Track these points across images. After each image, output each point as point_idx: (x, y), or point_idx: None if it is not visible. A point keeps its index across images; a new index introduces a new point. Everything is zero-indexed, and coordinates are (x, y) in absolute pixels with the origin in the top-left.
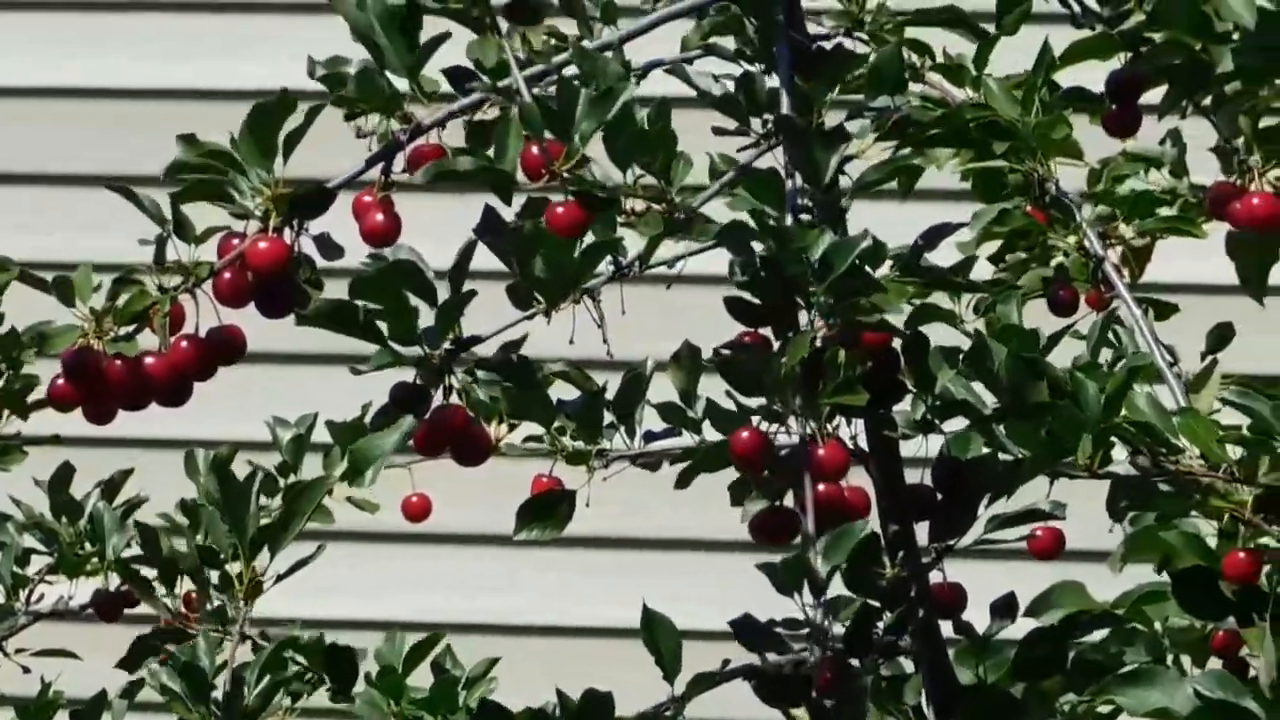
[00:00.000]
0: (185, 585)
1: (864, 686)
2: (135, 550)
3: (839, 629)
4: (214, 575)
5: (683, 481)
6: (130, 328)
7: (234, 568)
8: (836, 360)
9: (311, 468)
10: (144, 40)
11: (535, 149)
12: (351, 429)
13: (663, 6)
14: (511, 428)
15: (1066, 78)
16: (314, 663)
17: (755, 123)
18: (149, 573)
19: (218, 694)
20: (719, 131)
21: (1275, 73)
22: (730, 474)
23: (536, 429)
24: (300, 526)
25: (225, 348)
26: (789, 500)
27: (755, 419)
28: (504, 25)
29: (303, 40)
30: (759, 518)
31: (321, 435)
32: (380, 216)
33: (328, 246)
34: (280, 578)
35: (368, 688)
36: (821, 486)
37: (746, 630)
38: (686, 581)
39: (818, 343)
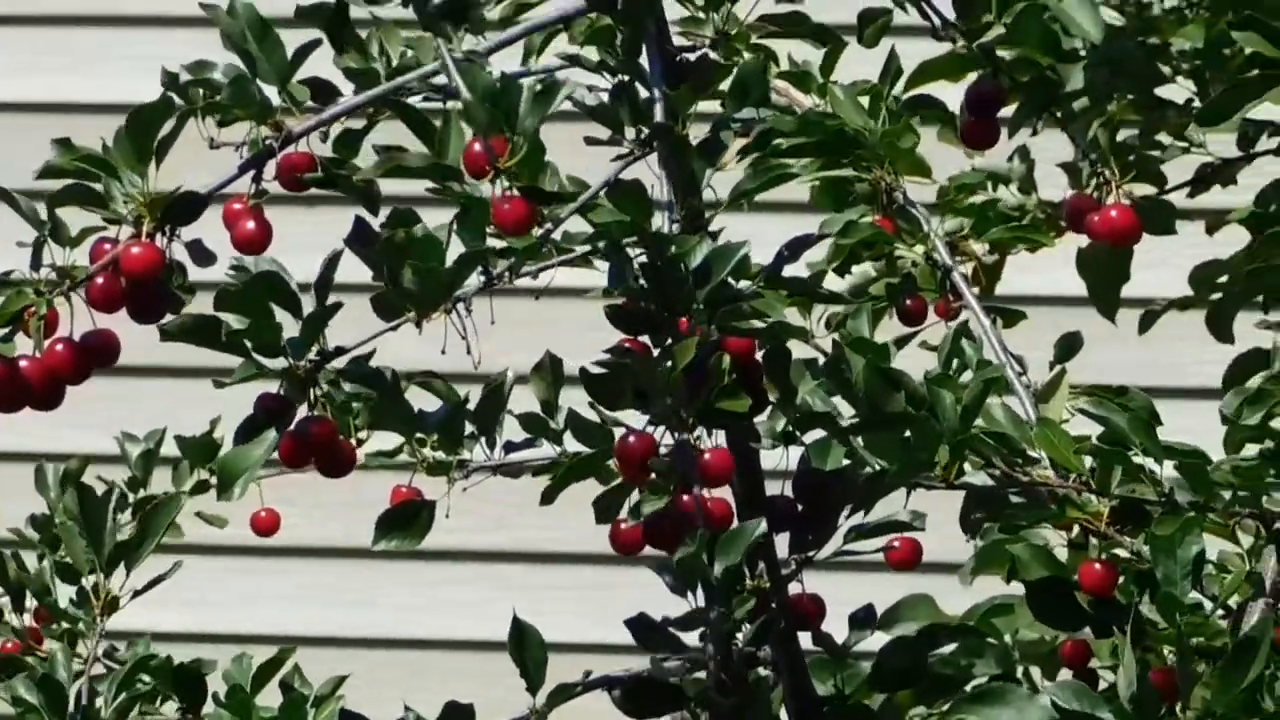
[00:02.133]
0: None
1: (767, 687)
2: None
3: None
4: (71, 591)
5: (548, 498)
6: (5, 330)
7: (89, 582)
8: (721, 367)
9: (161, 482)
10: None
11: (478, 145)
12: (201, 444)
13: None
14: (360, 443)
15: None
16: (163, 682)
17: (629, 133)
18: None
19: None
20: (591, 141)
21: (1120, 86)
22: (592, 487)
23: (389, 441)
24: (155, 542)
25: (100, 352)
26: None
27: (647, 425)
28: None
29: (161, 55)
30: (650, 520)
31: (170, 449)
32: (251, 224)
33: (200, 253)
34: (137, 593)
35: (216, 708)
36: (684, 497)
37: (641, 630)
38: (546, 595)
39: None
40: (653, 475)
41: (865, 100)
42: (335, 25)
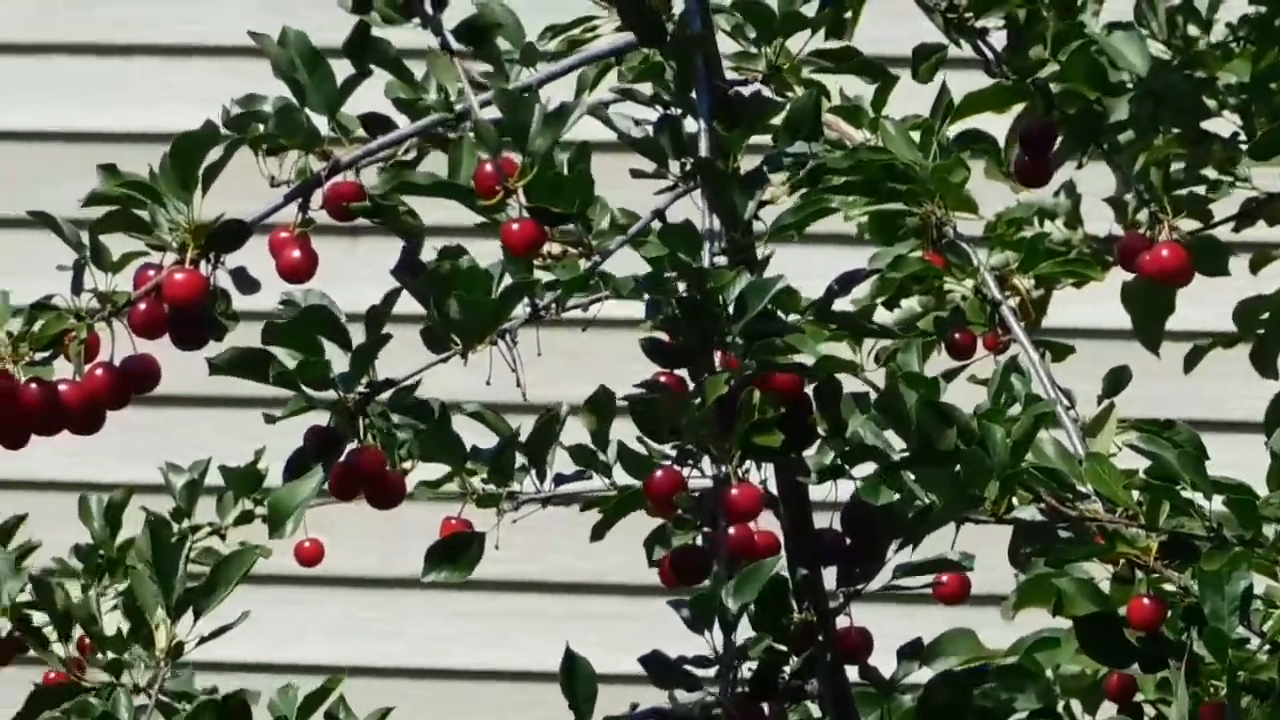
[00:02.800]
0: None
1: None
2: (30, 595)
3: (748, 668)
4: (117, 618)
5: (597, 534)
6: (46, 354)
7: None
8: (752, 402)
9: (204, 512)
10: (56, 85)
11: (489, 166)
12: (246, 475)
13: (565, 48)
14: (404, 473)
15: (965, 123)
16: (209, 717)
17: (674, 165)
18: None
19: None
20: (637, 174)
21: (1166, 120)
22: (640, 520)
23: (435, 470)
24: (229, 592)
25: (140, 377)
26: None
27: (670, 461)
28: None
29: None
30: (675, 555)
31: (215, 479)
32: (297, 253)
33: (244, 281)
34: (203, 640)
35: None
36: (732, 529)
37: (657, 666)
38: (586, 625)
39: (731, 383)
40: (680, 511)
41: (916, 135)
42: (355, 47)
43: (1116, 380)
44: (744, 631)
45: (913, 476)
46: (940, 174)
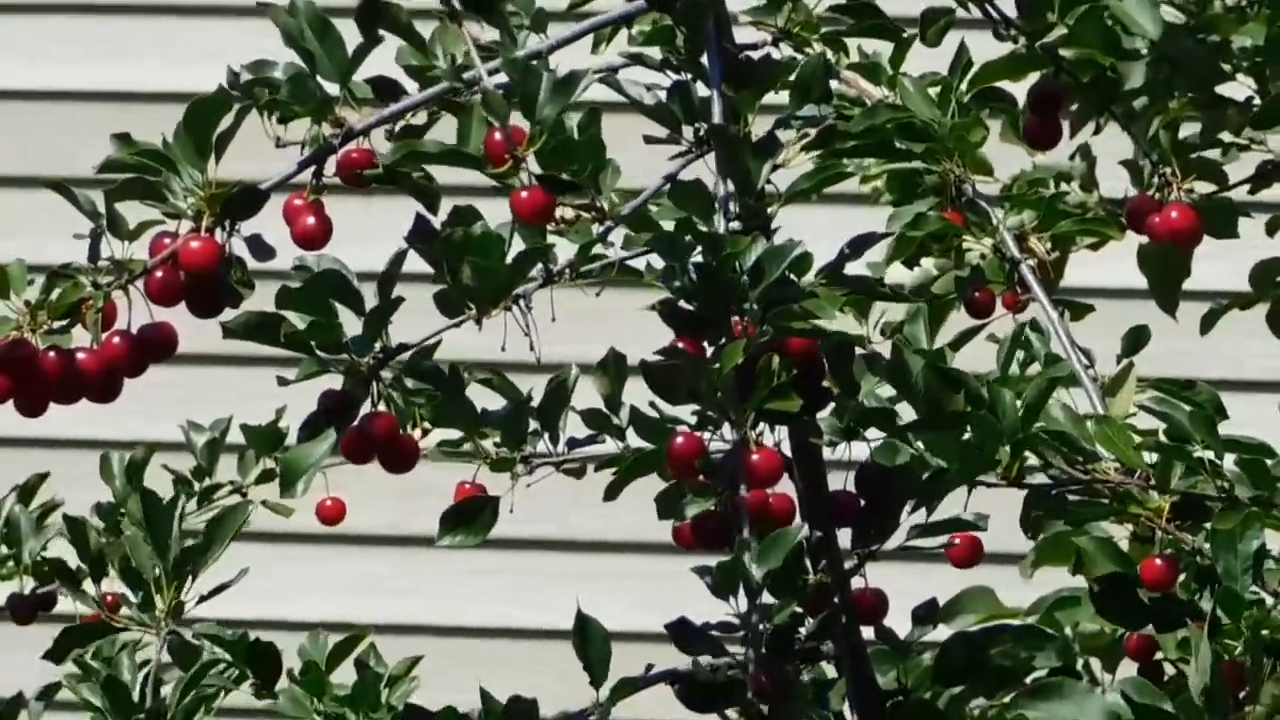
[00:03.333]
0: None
1: (800, 689)
2: (51, 553)
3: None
4: (136, 595)
5: (610, 494)
6: (63, 322)
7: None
8: (770, 367)
9: (226, 470)
10: (71, 43)
11: (498, 134)
12: (267, 433)
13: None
14: (424, 433)
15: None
16: (238, 660)
17: (687, 131)
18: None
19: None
20: (650, 140)
21: (1180, 84)
22: (653, 481)
23: (450, 434)
24: (222, 550)
25: (157, 345)
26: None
27: (687, 426)
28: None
29: (220, 46)
30: (696, 520)
31: (236, 437)
32: (311, 220)
33: (260, 248)
34: (203, 599)
35: (291, 685)
36: (748, 493)
37: (682, 633)
38: (603, 584)
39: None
40: (701, 476)
41: (934, 93)
42: (367, 15)
43: (1136, 339)
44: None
45: (921, 443)
46: (958, 132)
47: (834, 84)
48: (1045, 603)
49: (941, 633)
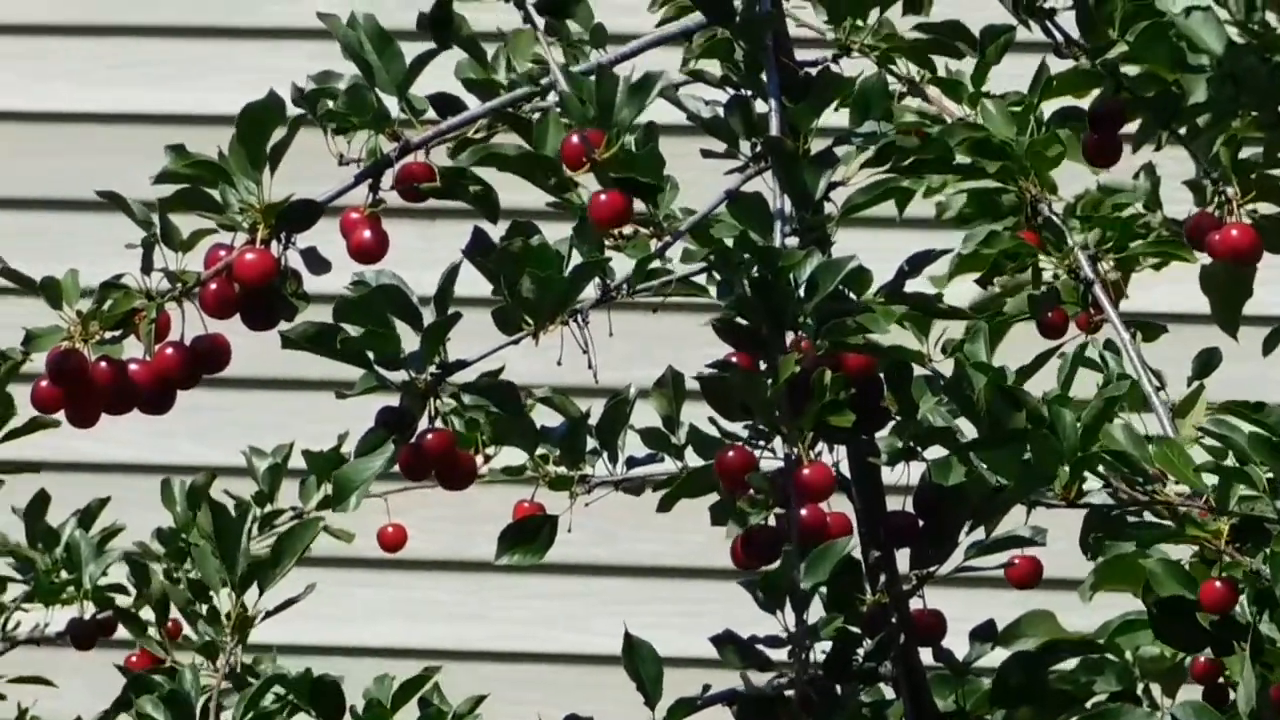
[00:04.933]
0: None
1: (848, 703)
2: (112, 579)
3: (820, 648)
4: (202, 609)
5: (664, 505)
6: (116, 333)
7: (220, 600)
8: (823, 382)
9: (288, 496)
10: (113, 65)
11: (575, 138)
12: (328, 459)
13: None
14: (487, 459)
15: (1053, 104)
16: (301, 697)
17: (744, 146)
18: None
19: None
20: (708, 154)
21: (1243, 103)
22: (701, 503)
23: (514, 458)
24: (292, 564)
25: (210, 356)
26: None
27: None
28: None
29: (275, 67)
30: (746, 535)
31: (297, 462)
32: (368, 234)
33: (315, 261)
34: (269, 614)
35: None
36: (804, 511)
37: (729, 646)
38: (660, 608)
39: (803, 363)
40: (750, 490)
41: (1013, 112)
42: (439, 22)
43: (1206, 362)
44: (816, 613)
45: (982, 460)
46: (1036, 149)
47: (917, 101)
48: (1109, 627)
49: (1000, 657)
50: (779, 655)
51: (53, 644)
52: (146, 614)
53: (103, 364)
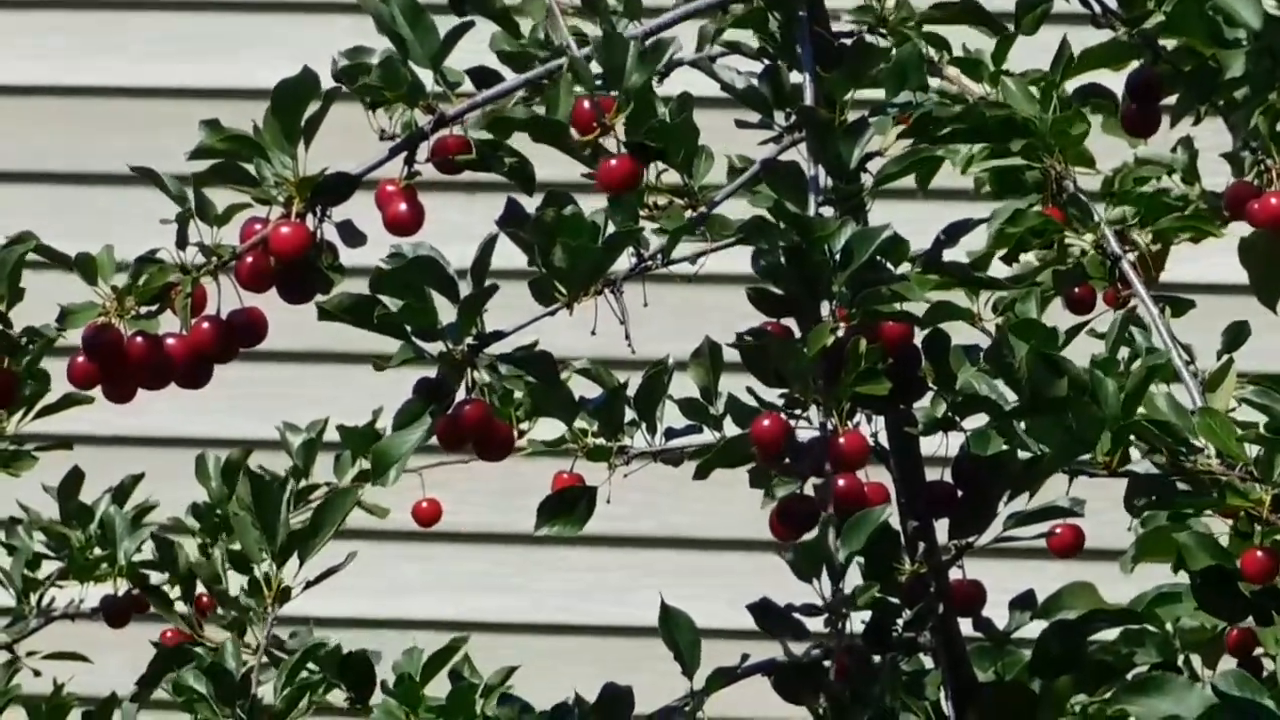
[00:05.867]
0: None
1: (885, 671)
2: (146, 555)
3: (860, 619)
4: (241, 580)
5: (701, 473)
6: (151, 307)
7: (260, 571)
8: (858, 350)
9: (322, 471)
10: (152, 40)
11: (586, 104)
12: (363, 434)
13: (684, 2)
14: (522, 433)
15: (1081, 78)
16: (331, 671)
17: (778, 116)
18: (159, 578)
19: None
20: (742, 124)
21: None
22: (742, 473)
23: (549, 430)
24: (330, 534)
25: (246, 330)
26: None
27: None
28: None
29: (309, 41)
30: (784, 504)
31: (332, 436)
32: (403, 206)
33: (350, 234)
34: (309, 584)
35: (385, 697)
36: (842, 480)
37: (765, 615)
38: (701, 580)
39: (838, 332)
40: (785, 459)
41: (1034, 90)
42: None
43: (1236, 335)
44: (855, 582)
45: (1023, 427)
46: (1060, 127)
47: (936, 81)
48: (1145, 598)
49: (1039, 628)
50: (816, 625)
51: (88, 620)
52: (177, 591)
53: (138, 339)
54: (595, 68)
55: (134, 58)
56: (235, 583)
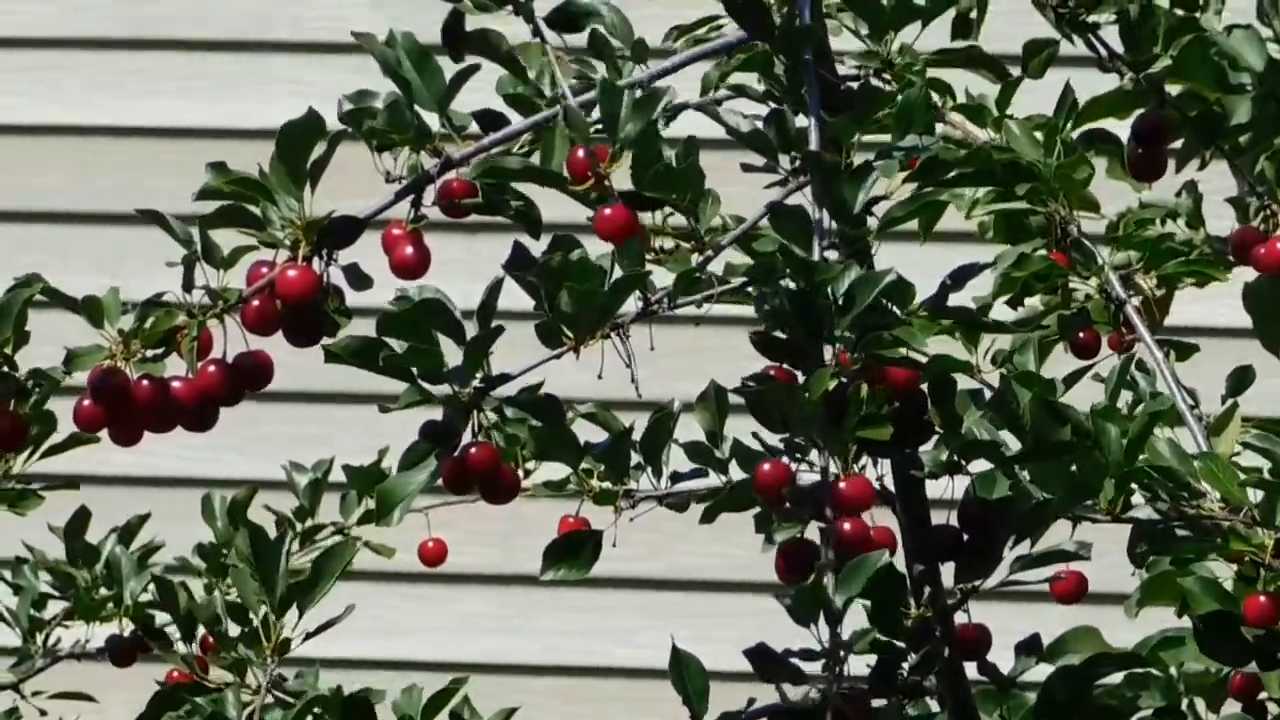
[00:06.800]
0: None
1: (886, 718)
2: (152, 595)
3: (857, 661)
4: (233, 629)
5: (708, 517)
6: (157, 350)
7: (258, 618)
8: (860, 395)
9: (328, 510)
10: (159, 80)
11: (581, 152)
12: (369, 473)
13: (691, 46)
14: (527, 474)
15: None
16: (333, 714)
17: (784, 160)
18: (163, 617)
19: None
20: (748, 168)
21: None
22: (750, 515)
23: (555, 472)
24: (331, 585)
25: (253, 373)
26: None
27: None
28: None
29: (316, 82)
30: (786, 547)
31: (338, 476)
32: (410, 250)
33: (357, 277)
34: (309, 636)
35: None
36: (848, 525)
37: (763, 659)
38: (707, 622)
39: (841, 377)
40: (786, 503)
41: (1039, 134)
42: (452, 36)
43: (1240, 379)
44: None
45: (1027, 474)
46: (1064, 171)
47: (941, 127)
48: (1150, 642)
49: (1043, 673)
50: (816, 669)
51: (94, 660)
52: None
53: (145, 383)
54: (597, 113)
55: (134, 95)
56: (236, 624)
